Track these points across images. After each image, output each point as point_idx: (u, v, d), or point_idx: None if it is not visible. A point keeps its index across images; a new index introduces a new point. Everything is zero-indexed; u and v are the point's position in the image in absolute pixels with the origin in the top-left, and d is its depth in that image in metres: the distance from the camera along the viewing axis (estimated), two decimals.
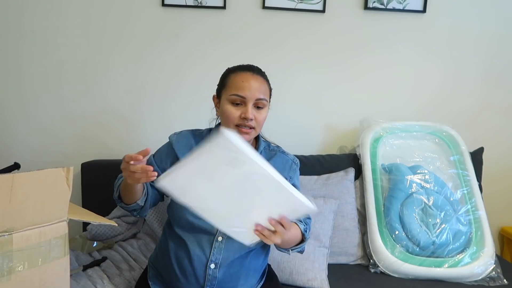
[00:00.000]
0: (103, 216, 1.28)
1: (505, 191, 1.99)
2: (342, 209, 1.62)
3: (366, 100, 1.89)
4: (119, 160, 0.93)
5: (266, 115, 1.10)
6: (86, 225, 1.62)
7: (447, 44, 1.88)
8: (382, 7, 1.81)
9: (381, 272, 1.51)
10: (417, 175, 1.64)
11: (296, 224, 1.08)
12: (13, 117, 1.77)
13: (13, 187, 0.81)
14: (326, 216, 1.54)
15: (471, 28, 1.87)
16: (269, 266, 1.30)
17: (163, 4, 1.73)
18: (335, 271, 1.49)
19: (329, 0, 1.78)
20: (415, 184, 1.61)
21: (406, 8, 1.81)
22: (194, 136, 1.17)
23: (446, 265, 1.49)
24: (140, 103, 1.81)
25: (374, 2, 1.80)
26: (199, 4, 1.74)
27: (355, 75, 1.87)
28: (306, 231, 1.10)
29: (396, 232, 1.54)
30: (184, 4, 1.74)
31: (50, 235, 0.89)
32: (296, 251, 1.11)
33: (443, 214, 1.56)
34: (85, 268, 1.35)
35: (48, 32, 1.72)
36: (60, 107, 1.78)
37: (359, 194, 1.70)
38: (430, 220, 1.55)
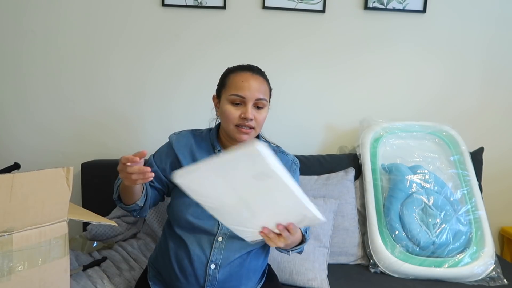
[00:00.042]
0: (103, 216, 1.28)
1: (505, 191, 1.99)
2: (342, 209, 1.62)
3: (366, 100, 1.89)
4: (119, 160, 0.93)
5: (266, 115, 1.10)
6: (86, 225, 1.62)
7: (447, 44, 1.88)
8: (382, 7, 1.81)
9: (381, 272, 1.51)
10: (417, 175, 1.64)
11: None
12: (13, 117, 1.77)
13: (13, 187, 0.80)
14: (326, 216, 1.54)
15: (471, 28, 1.87)
16: (269, 266, 1.30)
17: (163, 4, 1.73)
18: (335, 271, 1.49)
19: (329, 0, 1.78)
20: (415, 184, 1.61)
21: (406, 8, 1.81)
22: (194, 136, 1.17)
23: (446, 265, 1.49)
24: (140, 103, 1.81)
25: (374, 2, 1.80)
26: (199, 4, 1.74)
27: (355, 75, 1.87)
28: (306, 232, 1.10)
29: (396, 232, 1.54)
30: (184, 4, 1.74)
31: (50, 235, 0.88)
32: (296, 252, 1.11)
33: (443, 214, 1.56)
34: (85, 268, 1.35)
35: (48, 32, 1.72)
36: (60, 107, 1.78)
37: (359, 194, 1.70)
38: (430, 220, 1.55)
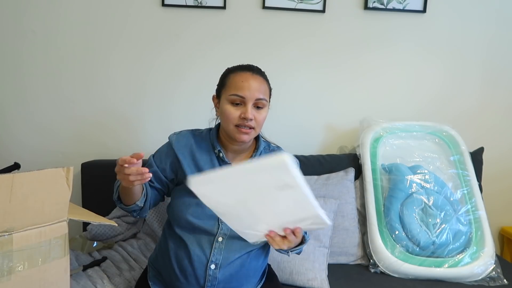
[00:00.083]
0: (103, 216, 1.28)
1: (505, 191, 1.99)
2: (342, 209, 1.62)
3: (366, 100, 1.89)
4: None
5: (266, 115, 1.10)
6: (86, 225, 1.62)
7: (447, 44, 1.88)
8: (382, 7, 1.80)
9: (381, 272, 1.51)
10: (417, 175, 1.64)
11: None
12: (13, 117, 1.77)
13: (13, 187, 0.80)
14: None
15: (471, 28, 1.87)
16: (269, 266, 1.30)
17: (163, 4, 1.73)
18: (335, 271, 1.49)
19: (329, 0, 1.78)
20: (415, 184, 1.61)
21: (406, 8, 1.81)
22: (194, 136, 1.17)
23: (446, 265, 1.49)
24: (140, 103, 1.81)
25: (374, 2, 1.80)
26: (199, 4, 1.74)
27: (355, 75, 1.87)
28: (306, 233, 1.10)
29: (396, 232, 1.54)
30: (184, 4, 1.74)
31: (50, 235, 0.88)
32: (295, 253, 1.11)
33: (443, 214, 1.56)
34: (85, 268, 1.35)
35: (48, 32, 1.72)
36: (60, 107, 1.78)
37: (359, 194, 1.70)
38: (430, 220, 1.55)
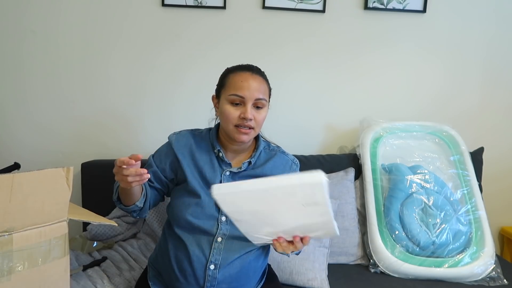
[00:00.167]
0: (103, 216, 1.28)
1: (505, 191, 1.99)
2: (342, 209, 1.62)
3: (366, 100, 1.89)
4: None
5: (266, 115, 1.10)
6: (86, 225, 1.62)
7: (447, 44, 1.88)
8: (382, 7, 1.80)
9: (381, 272, 1.51)
10: (417, 175, 1.64)
11: None
12: (13, 117, 1.77)
13: (13, 187, 0.80)
14: None
15: (471, 28, 1.87)
16: (269, 266, 1.30)
17: (163, 4, 1.73)
18: (335, 271, 1.49)
19: (329, 0, 1.78)
20: (415, 184, 1.61)
21: (406, 8, 1.81)
22: (193, 136, 1.17)
23: (446, 265, 1.48)
24: (140, 103, 1.81)
25: (374, 2, 1.80)
26: (199, 4, 1.74)
27: (355, 75, 1.87)
28: None
29: (396, 232, 1.54)
30: (184, 4, 1.74)
31: (50, 235, 0.88)
32: (294, 253, 1.11)
33: (443, 214, 1.56)
34: (85, 268, 1.35)
35: (48, 32, 1.72)
36: (60, 107, 1.78)
37: (359, 194, 1.70)
38: (430, 220, 1.55)
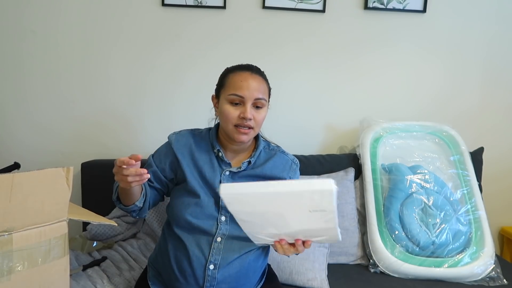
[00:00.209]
0: (103, 216, 1.28)
1: (505, 191, 1.99)
2: (342, 209, 1.62)
3: (366, 100, 1.89)
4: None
5: (265, 115, 1.10)
6: (86, 225, 1.62)
7: (447, 44, 1.88)
8: (382, 7, 1.80)
9: (381, 272, 1.51)
10: (417, 175, 1.63)
11: None
12: (13, 117, 1.77)
13: (13, 187, 0.80)
14: None
15: (471, 28, 1.87)
16: (269, 266, 1.30)
17: (163, 4, 1.73)
18: (335, 271, 1.49)
19: (329, 0, 1.78)
20: (415, 184, 1.61)
21: (406, 8, 1.81)
22: (193, 136, 1.17)
23: (446, 265, 1.48)
24: (140, 103, 1.81)
25: (374, 2, 1.80)
26: (199, 4, 1.74)
27: (355, 75, 1.87)
28: None
29: (396, 232, 1.54)
30: (184, 4, 1.74)
31: (50, 235, 0.89)
32: (294, 253, 1.11)
33: (443, 214, 1.56)
34: (85, 268, 1.35)
35: (48, 32, 1.72)
36: (60, 107, 1.78)
37: (359, 194, 1.70)
38: (430, 220, 1.55)
